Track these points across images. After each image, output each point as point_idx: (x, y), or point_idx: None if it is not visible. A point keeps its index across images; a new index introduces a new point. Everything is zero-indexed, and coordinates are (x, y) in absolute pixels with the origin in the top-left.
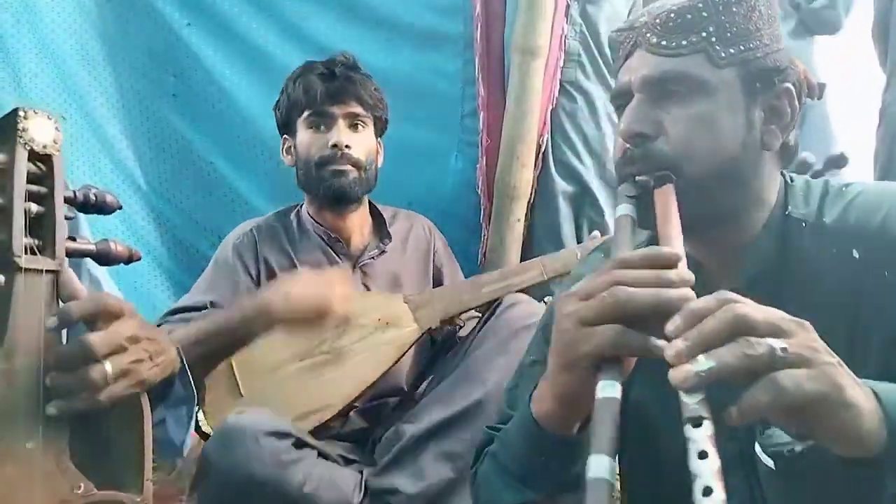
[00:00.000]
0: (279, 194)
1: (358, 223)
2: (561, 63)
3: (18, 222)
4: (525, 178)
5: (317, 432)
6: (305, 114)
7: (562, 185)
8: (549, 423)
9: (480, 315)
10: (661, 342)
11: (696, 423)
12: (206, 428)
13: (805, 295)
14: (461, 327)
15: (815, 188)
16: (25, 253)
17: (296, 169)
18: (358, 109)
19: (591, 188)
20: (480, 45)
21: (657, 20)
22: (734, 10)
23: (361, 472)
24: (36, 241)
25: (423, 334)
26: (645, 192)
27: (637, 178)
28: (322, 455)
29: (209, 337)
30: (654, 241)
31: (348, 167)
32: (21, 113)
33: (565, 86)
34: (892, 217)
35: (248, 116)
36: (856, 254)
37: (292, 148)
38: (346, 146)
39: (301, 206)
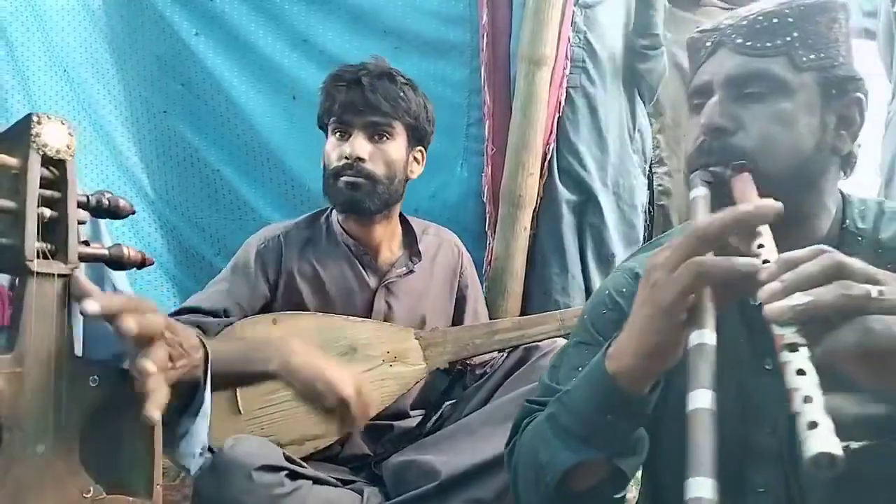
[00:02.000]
0: (285, 203)
1: (386, 235)
2: (567, 71)
3: (31, 227)
4: (531, 187)
5: (314, 453)
6: (331, 120)
7: (565, 194)
8: (627, 378)
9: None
10: (746, 259)
11: (793, 348)
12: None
13: None
14: (470, 368)
15: (871, 206)
16: (38, 257)
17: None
18: (378, 119)
19: (595, 195)
20: (486, 54)
21: (744, 22)
22: (818, 19)
23: (362, 493)
24: (49, 246)
25: (429, 374)
26: (720, 181)
27: (711, 168)
28: (318, 481)
29: (221, 362)
30: None
31: (361, 180)
32: (35, 118)
33: (570, 93)
34: None
35: (254, 125)
36: None
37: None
38: (360, 158)
39: (331, 212)
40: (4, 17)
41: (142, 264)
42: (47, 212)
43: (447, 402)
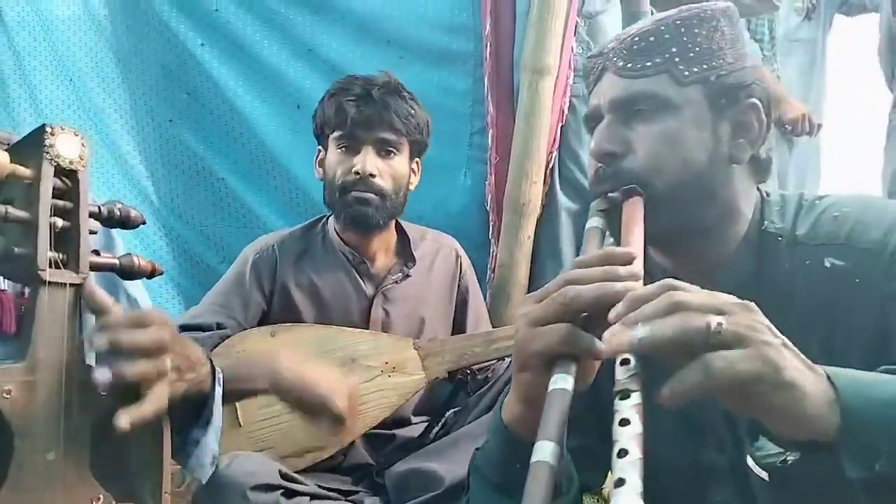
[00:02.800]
0: (290, 210)
1: (383, 244)
2: (571, 81)
3: (44, 236)
4: (534, 195)
5: (315, 464)
6: (336, 133)
7: (565, 202)
8: (519, 426)
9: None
10: (626, 284)
11: (625, 395)
12: None
13: (783, 309)
14: (472, 375)
15: (790, 202)
16: (50, 267)
17: (323, 185)
18: (389, 136)
19: None
20: (490, 63)
21: (622, 45)
22: (696, 31)
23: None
24: (61, 256)
25: (428, 384)
26: (615, 206)
27: (609, 194)
28: (316, 496)
29: None
30: None
31: (371, 195)
32: (48, 129)
33: (573, 102)
34: (860, 224)
35: (259, 134)
36: (827, 263)
37: (323, 161)
38: (371, 175)
39: (327, 220)
40: (12, 28)
41: (152, 274)
42: (60, 222)
43: (450, 411)
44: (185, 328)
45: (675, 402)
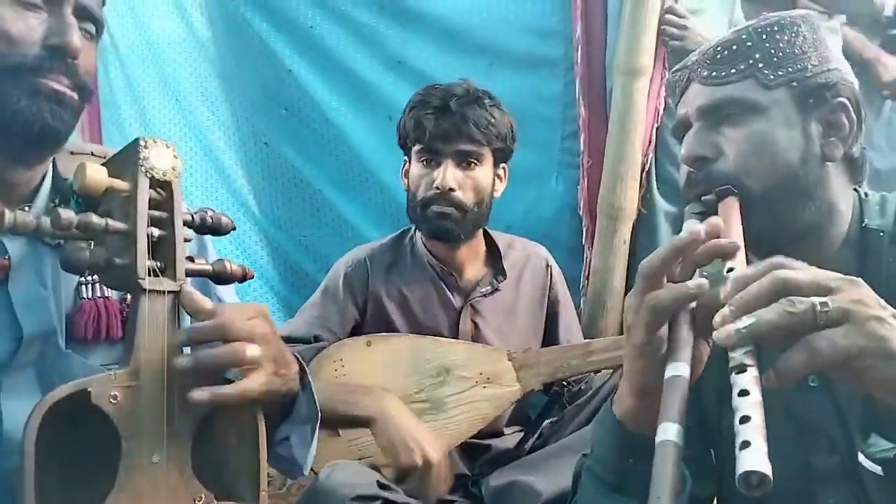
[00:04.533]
0: (384, 220)
1: (470, 255)
2: (665, 80)
3: (142, 246)
4: (630, 199)
5: None
6: (416, 147)
7: (664, 206)
8: (632, 421)
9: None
10: (693, 282)
11: (741, 369)
12: None
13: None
14: (566, 388)
15: (891, 200)
16: (148, 275)
17: (406, 198)
18: (469, 147)
19: None
20: (580, 67)
21: (705, 56)
22: (777, 37)
23: None
24: (158, 264)
25: (523, 396)
26: (710, 209)
27: (703, 197)
28: None
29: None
30: None
31: (451, 210)
32: (142, 142)
33: (667, 102)
34: None
35: (353, 146)
36: None
37: (408, 173)
38: (451, 189)
39: (415, 232)
40: (123, 52)
41: (242, 278)
42: (156, 231)
43: (546, 422)
44: (285, 341)
45: (781, 383)
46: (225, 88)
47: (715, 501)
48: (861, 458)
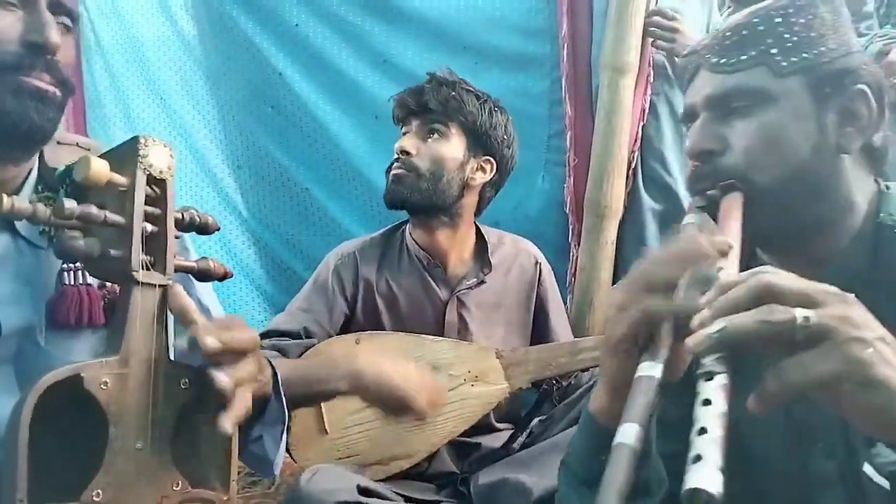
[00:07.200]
0: (371, 218)
1: (454, 245)
2: (651, 78)
3: (137, 240)
4: (616, 197)
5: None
6: (400, 128)
7: (650, 203)
8: (605, 417)
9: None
10: (686, 301)
11: (709, 377)
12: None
13: None
14: (555, 386)
15: None
16: (142, 268)
17: None
18: (431, 117)
19: (681, 203)
20: (567, 64)
21: (715, 40)
22: (792, 20)
23: None
24: (149, 258)
25: (511, 394)
26: (713, 204)
27: (708, 192)
28: None
29: (294, 383)
30: None
31: (402, 171)
32: (142, 140)
33: (653, 101)
34: None
35: (340, 144)
36: None
37: None
38: (405, 151)
39: (407, 225)
40: (108, 51)
41: (223, 277)
42: (149, 227)
43: (536, 420)
44: (272, 334)
45: (761, 411)
46: (211, 87)
47: None
48: (866, 467)
